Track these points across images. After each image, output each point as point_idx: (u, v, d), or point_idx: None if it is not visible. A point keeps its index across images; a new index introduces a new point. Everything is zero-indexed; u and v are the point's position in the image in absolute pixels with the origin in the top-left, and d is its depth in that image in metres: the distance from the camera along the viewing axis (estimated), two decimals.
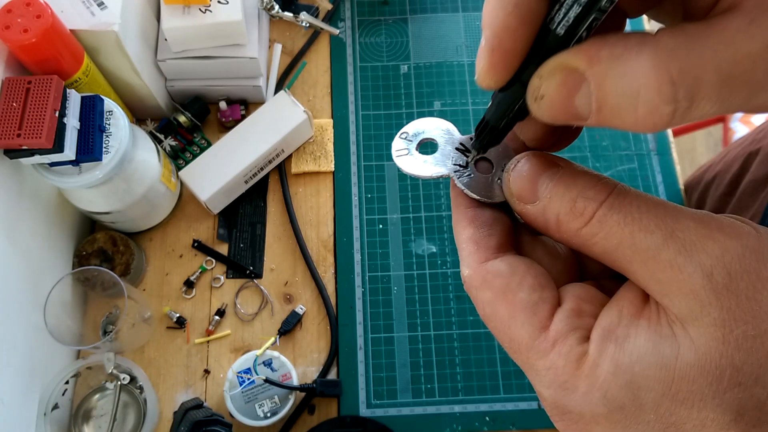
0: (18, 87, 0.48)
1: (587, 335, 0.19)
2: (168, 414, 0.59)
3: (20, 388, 0.52)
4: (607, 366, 0.18)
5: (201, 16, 0.60)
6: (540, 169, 0.21)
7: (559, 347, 0.19)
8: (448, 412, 0.61)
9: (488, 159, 0.24)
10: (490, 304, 0.21)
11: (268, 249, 0.67)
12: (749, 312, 0.16)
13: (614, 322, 0.18)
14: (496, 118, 0.22)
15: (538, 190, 0.20)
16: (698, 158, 1.61)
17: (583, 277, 0.23)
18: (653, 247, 0.17)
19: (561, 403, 0.19)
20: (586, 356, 0.18)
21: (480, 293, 0.21)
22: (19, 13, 0.49)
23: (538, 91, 0.18)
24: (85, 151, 0.51)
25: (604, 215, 0.18)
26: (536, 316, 0.20)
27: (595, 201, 0.19)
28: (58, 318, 0.55)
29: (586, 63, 0.17)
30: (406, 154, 0.25)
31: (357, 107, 0.73)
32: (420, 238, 0.67)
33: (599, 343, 0.18)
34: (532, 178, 0.21)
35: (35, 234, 0.56)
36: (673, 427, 0.17)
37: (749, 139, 0.72)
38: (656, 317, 0.18)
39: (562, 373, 0.19)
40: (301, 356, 0.63)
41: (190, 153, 0.69)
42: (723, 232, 0.17)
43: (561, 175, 0.20)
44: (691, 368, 0.17)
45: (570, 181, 0.20)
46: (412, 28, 0.77)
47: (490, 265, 0.21)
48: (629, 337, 0.18)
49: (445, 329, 0.64)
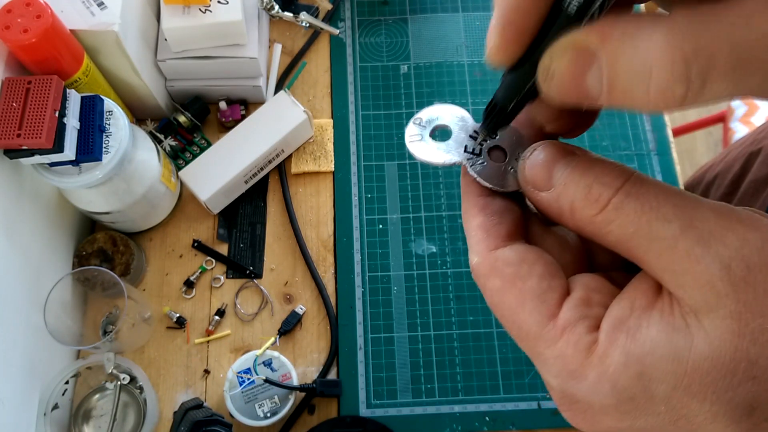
0: (18, 87, 0.48)
1: (597, 324, 0.19)
2: (168, 414, 0.59)
3: (20, 388, 0.52)
4: (617, 356, 0.17)
5: (201, 16, 0.60)
6: (556, 156, 0.20)
7: (567, 336, 0.19)
8: (448, 412, 0.61)
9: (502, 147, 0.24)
10: (499, 292, 0.20)
11: (268, 249, 0.67)
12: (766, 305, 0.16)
13: (626, 313, 0.18)
14: (506, 98, 0.21)
15: (553, 177, 0.20)
16: (698, 158, 1.61)
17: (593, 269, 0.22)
18: (671, 237, 0.17)
19: (569, 392, 0.19)
20: (595, 345, 0.18)
21: (488, 281, 0.21)
22: (19, 13, 0.49)
23: (548, 70, 0.18)
24: (85, 151, 0.51)
25: (620, 202, 0.18)
26: (545, 304, 0.19)
27: (612, 187, 0.18)
28: (58, 318, 0.55)
29: (598, 41, 0.16)
30: (419, 140, 0.24)
31: (357, 107, 0.73)
32: (420, 238, 0.67)
33: (610, 332, 0.18)
34: (548, 166, 0.20)
35: (35, 234, 0.56)
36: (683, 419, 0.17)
37: (750, 139, 0.72)
38: (669, 308, 0.17)
39: (570, 362, 0.18)
40: (301, 356, 0.63)
41: (190, 153, 0.69)
42: (743, 224, 0.17)
43: (577, 162, 0.20)
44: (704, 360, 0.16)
45: (586, 168, 0.19)
46: (412, 28, 0.77)
47: (499, 253, 0.21)
48: (641, 327, 0.17)
49: (445, 329, 0.64)
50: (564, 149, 0.21)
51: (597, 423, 0.19)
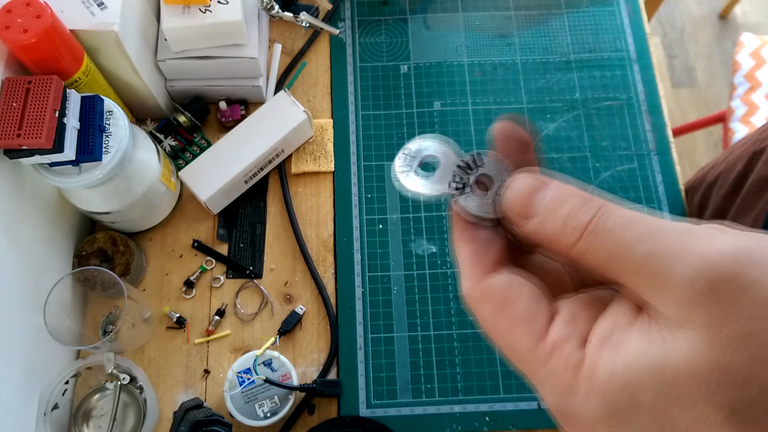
0: (18, 87, 0.48)
1: (584, 342, 0.20)
2: (168, 414, 0.59)
3: (20, 388, 0.52)
4: (603, 371, 0.19)
5: (201, 16, 0.60)
6: (534, 187, 0.22)
7: (557, 354, 0.20)
8: (448, 412, 0.61)
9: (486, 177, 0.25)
10: (491, 317, 0.22)
11: (268, 249, 0.67)
12: (731, 316, 0.17)
13: (609, 330, 0.20)
14: None
15: (533, 208, 0.22)
16: (698, 158, 1.61)
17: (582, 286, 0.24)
18: (638, 260, 0.19)
19: (563, 408, 0.20)
20: (584, 362, 0.19)
21: (480, 307, 0.22)
22: (19, 13, 0.49)
23: None
24: (85, 151, 0.51)
25: (593, 231, 0.20)
26: (534, 326, 0.21)
27: (584, 220, 0.20)
28: (58, 318, 0.55)
29: None
30: (408, 172, 0.26)
31: (357, 107, 0.73)
32: (420, 238, 0.67)
33: (596, 349, 0.19)
34: (528, 197, 0.22)
35: (35, 234, 0.56)
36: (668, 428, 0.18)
37: (753, 138, 0.72)
38: (647, 324, 0.19)
39: (562, 379, 0.20)
40: (301, 356, 0.63)
41: (190, 153, 0.69)
42: (701, 243, 0.18)
43: (553, 193, 0.21)
44: (680, 371, 0.17)
45: (562, 200, 0.21)
46: (412, 28, 0.77)
47: (489, 280, 0.22)
48: (623, 342, 0.19)
49: (445, 329, 0.64)
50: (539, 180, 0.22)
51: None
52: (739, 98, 1.19)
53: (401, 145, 0.72)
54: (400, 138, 0.72)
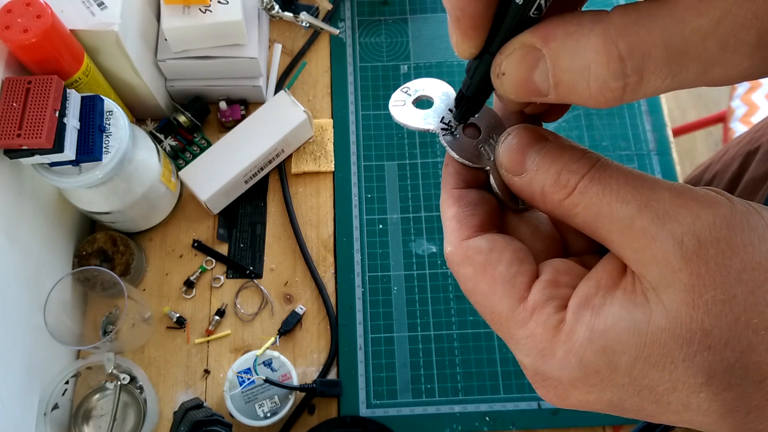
0: (18, 87, 0.48)
1: (564, 305, 0.20)
2: (168, 414, 0.59)
3: (20, 388, 0.52)
4: (582, 332, 0.18)
5: (201, 16, 0.60)
6: (529, 142, 0.21)
7: (536, 316, 0.20)
8: (448, 412, 0.61)
9: (477, 125, 0.25)
10: (471, 279, 0.22)
11: (268, 249, 0.67)
12: (718, 278, 0.17)
13: (591, 292, 0.19)
14: (471, 88, 0.23)
15: (526, 163, 0.21)
16: (698, 158, 1.61)
17: (568, 253, 0.24)
18: (628, 217, 0.18)
19: (540, 369, 0.20)
20: (563, 324, 0.19)
21: (461, 269, 0.22)
22: (19, 13, 0.49)
23: (499, 68, 0.19)
24: (85, 151, 0.51)
25: (585, 187, 0.19)
26: (514, 288, 0.20)
27: (578, 174, 0.19)
28: (58, 318, 0.55)
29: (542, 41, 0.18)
30: (402, 105, 0.26)
31: (357, 107, 0.73)
32: (420, 238, 0.67)
33: (576, 311, 0.19)
34: (521, 151, 0.21)
35: (35, 234, 0.56)
36: (646, 389, 0.18)
37: (748, 137, 0.72)
38: (632, 286, 0.18)
39: (540, 341, 0.19)
40: (301, 356, 0.63)
41: (190, 153, 0.69)
42: (696, 202, 0.17)
43: (548, 149, 0.21)
44: (662, 332, 0.17)
45: (556, 155, 0.20)
46: (412, 28, 0.77)
47: (470, 242, 0.22)
48: (605, 305, 0.18)
49: (445, 329, 0.64)
50: (536, 135, 0.22)
51: (567, 397, 0.20)
52: (739, 98, 1.19)
53: (401, 144, 0.72)
54: (400, 138, 0.72)
